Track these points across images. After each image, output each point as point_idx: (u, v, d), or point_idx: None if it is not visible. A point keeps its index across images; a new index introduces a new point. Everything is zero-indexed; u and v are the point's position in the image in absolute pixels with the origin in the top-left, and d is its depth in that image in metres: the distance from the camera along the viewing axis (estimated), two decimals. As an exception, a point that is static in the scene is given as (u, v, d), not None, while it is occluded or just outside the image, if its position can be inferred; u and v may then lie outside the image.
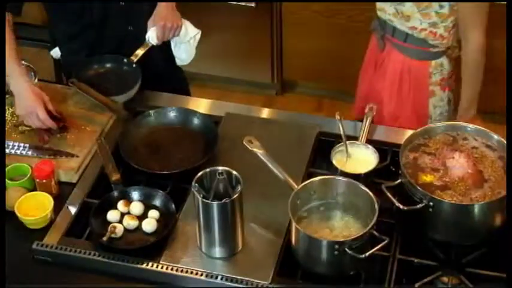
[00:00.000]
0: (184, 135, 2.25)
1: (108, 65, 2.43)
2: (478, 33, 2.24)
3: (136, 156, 2.19)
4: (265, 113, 2.41)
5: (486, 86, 2.37)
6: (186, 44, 2.43)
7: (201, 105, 2.42)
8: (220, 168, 1.91)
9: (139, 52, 2.39)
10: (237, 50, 3.62)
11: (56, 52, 2.58)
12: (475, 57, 2.29)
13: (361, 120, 2.23)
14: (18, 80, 2.18)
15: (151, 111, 2.29)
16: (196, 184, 1.88)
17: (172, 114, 2.29)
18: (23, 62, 2.34)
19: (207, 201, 1.88)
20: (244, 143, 2.06)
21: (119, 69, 2.41)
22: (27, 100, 2.17)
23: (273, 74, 3.69)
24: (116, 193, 2.09)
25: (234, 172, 1.92)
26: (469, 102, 2.35)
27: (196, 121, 2.27)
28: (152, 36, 2.37)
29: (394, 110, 2.44)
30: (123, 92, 2.34)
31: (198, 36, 2.44)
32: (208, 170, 1.92)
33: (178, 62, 2.50)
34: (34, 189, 2.12)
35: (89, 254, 1.97)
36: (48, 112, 2.20)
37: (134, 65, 2.39)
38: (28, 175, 2.13)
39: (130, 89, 2.35)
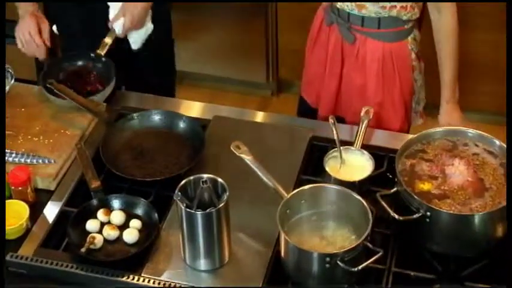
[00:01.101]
0: (169, 139, 2.24)
1: (79, 63, 2.43)
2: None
3: (118, 162, 2.17)
4: (255, 116, 2.39)
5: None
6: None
7: (188, 107, 2.40)
8: (205, 175, 1.89)
9: (108, 41, 2.40)
10: (231, 48, 3.61)
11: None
12: (454, 26, 2.26)
13: (341, 122, 2.19)
14: (22, 7, 2.40)
15: (134, 114, 2.27)
16: (179, 193, 1.86)
17: (157, 117, 2.27)
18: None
19: (190, 210, 1.86)
20: (231, 148, 2.04)
21: (91, 66, 2.42)
22: (25, 21, 2.38)
23: (268, 74, 3.68)
24: (95, 201, 2.07)
25: (220, 180, 1.90)
26: (454, 82, 2.32)
27: (182, 125, 2.26)
28: (119, 27, 2.39)
29: (381, 99, 2.42)
30: (98, 90, 2.33)
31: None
32: (192, 177, 1.91)
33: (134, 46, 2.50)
34: (9, 197, 2.11)
35: (66, 266, 1.96)
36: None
37: (104, 59, 2.38)
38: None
39: (107, 86, 2.33)
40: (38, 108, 2.36)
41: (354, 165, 2.12)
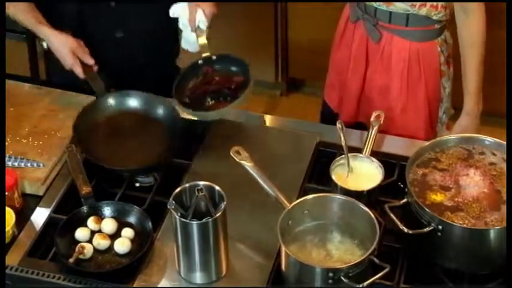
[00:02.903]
0: (146, 124, 2.27)
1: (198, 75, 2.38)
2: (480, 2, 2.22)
3: (91, 143, 2.22)
4: (258, 119, 2.40)
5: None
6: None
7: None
8: (201, 183, 1.91)
9: (204, 41, 2.38)
10: (237, 45, 3.61)
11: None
12: (480, 31, 2.26)
13: (363, 128, 2.21)
14: (40, 30, 2.35)
15: (110, 94, 2.31)
16: (174, 201, 1.88)
17: (133, 100, 2.31)
18: None
19: (185, 220, 1.87)
20: (231, 154, 2.05)
21: (210, 70, 2.38)
22: (55, 49, 2.35)
23: (278, 72, 3.69)
24: (85, 208, 2.08)
25: (217, 187, 1.91)
26: (477, 94, 2.31)
27: (160, 110, 2.29)
28: (203, 20, 2.39)
29: (405, 102, 2.42)
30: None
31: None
32: (187, 185, 1.92)
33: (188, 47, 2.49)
34: (-5, 202, 2.13)
35: (53, 277, 1.97)
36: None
37: (215, 57, 2.36)
38: (-11, 186, 2.13)
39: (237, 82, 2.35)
40: (27, 107, 2.38)
41: (362, 173, 2.12)
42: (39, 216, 2.12)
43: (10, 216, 2.07)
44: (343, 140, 2.12)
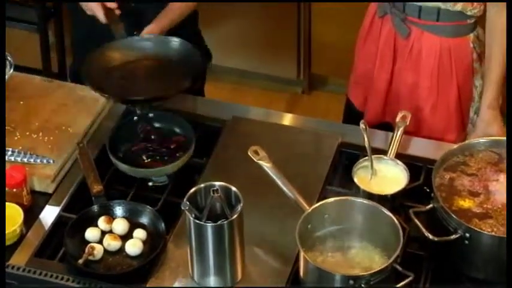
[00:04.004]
0: (160, 65, 2.33)
1: None
2: None
3: (102, 80, 2.26)
4: (278, 117, 2.40)
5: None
6: None
7: (204, 105, 2.42)
8: (217, 183, 1.91)
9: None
10: (257, 39, 3.62)
11: None
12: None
13: (389, 128, 2.20)
14: None
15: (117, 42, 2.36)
16: (188, 202, 1.88)
17: (147, 42, 2.36)
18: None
19: (199, 222, 1.87)
20: (248, 153, 2.05)
21: None
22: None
23: (299, 68, 3.68)
24: (96, 207, 2.09)
25: (233, 188, 1.91)
26: (501, 84, 2.28)
27: (175, 49, 2.34)
28: None
29: (435, 102, 2.41)
30: None
31: None
32: (202, 185, 1.92)
33: None
34: (3, 199, 2.14)
35: (62, 278, 1.98)
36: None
37: None
38: (-3, 182, 2.14)
39: None
40: (38, 101, 2.39)
41: (386, 176, 2.12)
42: (48, 214, 2.13)
43: (18, 214, 2.08)
44: (367, 141, 2.12)
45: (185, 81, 2.26)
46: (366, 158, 2.13)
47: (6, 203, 2.11)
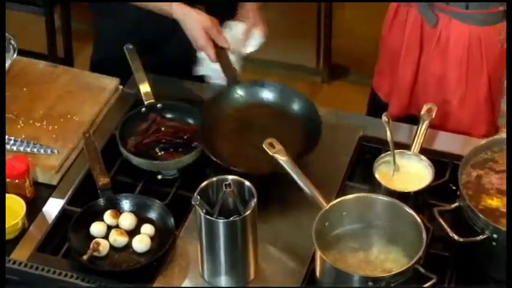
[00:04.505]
0: (281, 119, 2.22)
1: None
2: None
3: (217, 139, 2.18)
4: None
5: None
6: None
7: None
8: (230, 177, 1.90)
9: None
10: (276, 27, 3.58)
11: None
12: None
13: (415, 121, 2.18)
14: (171, 6, 2.32)
15: (238, 89, 2.27)
16: (198, 196, 1.88)
17: (267, 92, 2.27)
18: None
19: (210, 218, 1.88)
20: (264, 146, 2.05)
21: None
22: (187, 28, 2.32)
23: (319, 57, 3.69)
24: (102, 201, 2.10)
25: (247, 183, 1.91)
26: None
27: (296, 105, 2.25)
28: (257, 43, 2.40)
29: (463, 94, 2.40)
30: None
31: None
32: (214, 179, 1.92)
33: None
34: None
35: (65, 275, 1.98)
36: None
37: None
38: (-2, 173, 2.15)
39: None
40: (42, 87, 2.40)
41: (409, 172, 2.11)
42: (52, 207, 2.14)
43: (20, 206, 2.09)
44: (389, 134, 2.11)
45: (301, 144, 2.17)
46: (388, 152, 2.12)
47: (8, 195, 2.12)
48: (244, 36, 2.38)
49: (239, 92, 2.27)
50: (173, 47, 2.47)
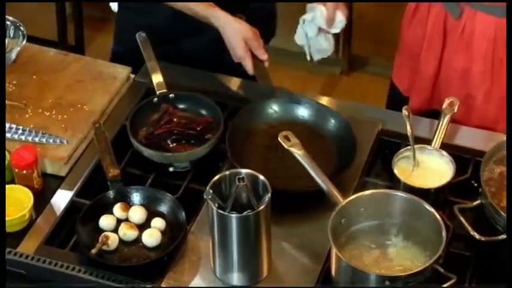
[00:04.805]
0: (314, 138, 2.19)
1: None
2: None
3: (246, 154, 2.18)
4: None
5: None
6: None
7: (231, 84, 2.43)
8: (243, 171, 1.91)
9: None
10: (292, 15, 3.59)
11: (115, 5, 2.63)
12: None
13: (435, 117, 2.18)
14: (213, 14, 2.31)
15: (272, 104, 2.25)
16: (211, 190, 1.88)
17: (302, 108, 2.26)
18: (9, 18, 2.42)
19: (223, 212, 1.88)
20: (279, 139, 2.05)
21: None
22: (227, 37, 2.30)
23: (338, 47, 3.67)
24: (112, 193, 2.10)
25: (261, 177, 1.91)
26: None
27: (331, 123, 2.23)
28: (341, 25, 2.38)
29: (488, 88, 2.39)
30: None
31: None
32: (227, 172, 1.92)
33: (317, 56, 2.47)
34: (12, 182, 2.16)
35: (73, 269, 1.99)
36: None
37: None
38: (6, 163, 2.16)
39: None
40: (52, 76, 2.40)
41: (429, 168, 2.11)
42: (60, 199, 2.15)
43: (28, 198, 2.10)
44: (409, 128, 2.10)
45: (333, 164, 2.15)
46: (408, 147, 2.11)
47: (15, 186, 2.13)
48: (329, 18, 2.37)
49: (274, 107, 2.26)
50: (198, 42, 2.48)
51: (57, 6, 3.43)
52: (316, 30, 2.38)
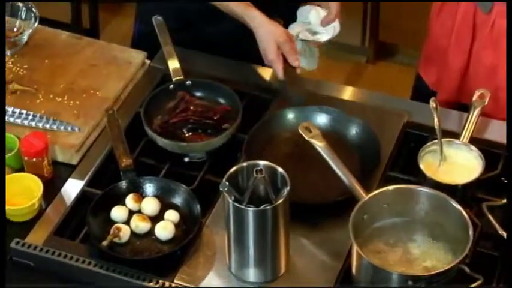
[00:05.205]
0: (337, 146, 2.14)
1: None
2: None
3: None
4: (336, 90, 2.40)
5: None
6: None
7: (251, 72, 2.42)
8: (262, 162, 1.91)
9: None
10: (318, 0, 3.60)
11: None
12: None
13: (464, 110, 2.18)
14: (249, 14, 2.31)
15: (289, 110, 2.24)
16: (227, 182, 1.88)
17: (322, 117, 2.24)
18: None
19: (239, 206, 1.88)
20: (299, 130, 2.05)
21: None
22: (260, 39, 2.30)
23: (365, 35, 3.68)
24: (124, 184, 2.11)
25: (280, 169, 1.91)
26: None
27: (353, 131, 2.22)
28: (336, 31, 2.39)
29: None
30: None
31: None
32: (245, 164, 1.92)
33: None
34: (21, 170, 2.17)
35: (83, 261, 2.01)
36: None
37: None
38: (15, 150, 2.18)
39: None
40: (65, 60, 2.42)
41: (457, 163, 2.10)
42: (71, 189, 2.16)
43: (37, 186, 2.11)
44: (437, 121, 2.10)
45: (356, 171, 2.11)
46: (435, 141, 2.11)
47: (25, 174, 2.15)
48: (323, 25, 2.38)
49: (291, 115, 2.24)
50: (219, 28, 2.48)
51: (71, -13, 3.43)
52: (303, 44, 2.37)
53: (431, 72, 2.55)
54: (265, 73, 2.42)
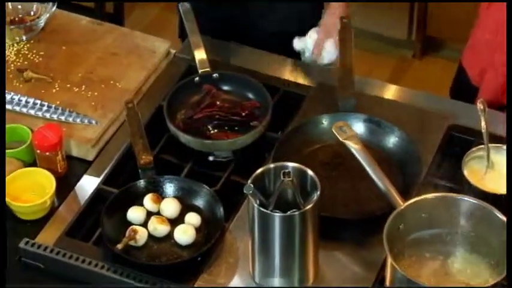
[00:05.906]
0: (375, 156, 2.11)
1: None
2: None
3: None
4: (378, 87, 2.39)
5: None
6: None
7: (284, 66, 2.43)
8: (290, 164, 1.91)
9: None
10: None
11: None
12: None
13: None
14: None
15: (323, 117, 2.24)
16: (252, 185, 1.89)
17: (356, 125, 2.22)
18: None
19: (265, 210, 1.88)
20: (333, 130, 2.05)
21: None
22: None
23: (411, 28, 3.68)
24: (143, 183, 2.12)
25: (310, 172, 1.91)
26: None
27: (391, 140, 2.22)
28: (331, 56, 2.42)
29: None
30: None
31: None
32: (272, 166, 1.93)
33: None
34: (33, 164, 2.19)
35: (95, 265, 2.02)
36: None
37: None
38: (27, 143, 2.19)
39: None
40: (83, 47, 2.44)
41: (505, 171, 2.09)
42: (86, 186, 2.18)
43: (50, 183, 2.13)
44: (484, 124, 2.09)
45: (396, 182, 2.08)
46: (482, 146, 2.11)
47: (37, 169, 2.17)
48: (316, 47, 2.40)
49: (328, 121, 2.23)
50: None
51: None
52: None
53: (475, 65, 2.54)
54: (299, 68, 2.43)
